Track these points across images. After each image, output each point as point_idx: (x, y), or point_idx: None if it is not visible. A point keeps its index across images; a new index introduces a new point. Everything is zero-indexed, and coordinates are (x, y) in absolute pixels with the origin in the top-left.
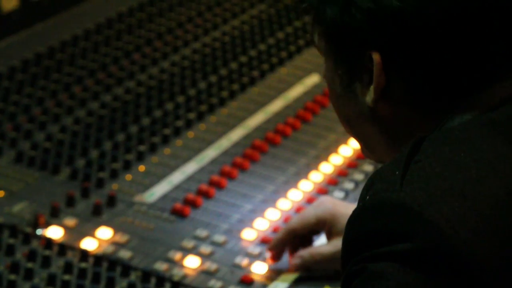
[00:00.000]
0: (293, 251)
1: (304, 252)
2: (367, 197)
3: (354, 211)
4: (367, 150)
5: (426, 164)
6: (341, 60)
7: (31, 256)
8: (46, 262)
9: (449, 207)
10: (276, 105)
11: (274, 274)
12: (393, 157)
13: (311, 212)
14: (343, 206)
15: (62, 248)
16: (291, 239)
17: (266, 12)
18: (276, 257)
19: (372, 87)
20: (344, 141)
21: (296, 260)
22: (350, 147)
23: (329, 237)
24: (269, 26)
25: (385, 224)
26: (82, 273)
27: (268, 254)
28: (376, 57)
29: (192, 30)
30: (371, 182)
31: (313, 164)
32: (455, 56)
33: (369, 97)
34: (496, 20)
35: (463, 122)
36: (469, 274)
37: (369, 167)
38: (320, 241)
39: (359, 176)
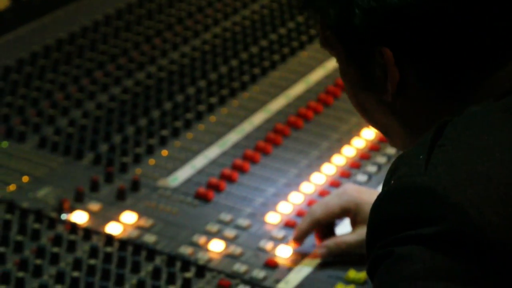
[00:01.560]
0: (319, 236)
1: (329, 242)
2: (392, 182)
3: (379, 196)
4: (390, 140)
5: (450, 147)
6: (353, 60)
7: (57, 240)
8: (71, 246)
9: (474, 190)
10: (298, 89)
11: (298, 258)
12: (417, 141)
13: (335, 202)
14: (367, 194)
15: (87, 232)
16: (314, 228)
17: None
18: (299, 245)
19: (388, 82)
20: (366, 124)
21: (322, 249)
22: (373, 130)
23: (354, 225)
24: (289, 10)
25: (411, 208)
26: (108, 257)
27: (291, 242)
28: (386, 52)
29: (212, 15)
30: (395, 167)
31: (335, 147)
32: (460, 44)
33: (386, 92)
34: (496, 4)
35: (482, 107)
36: (494, 255)
37: (391, 150)
38: (343, 226)
39: (382, 159)
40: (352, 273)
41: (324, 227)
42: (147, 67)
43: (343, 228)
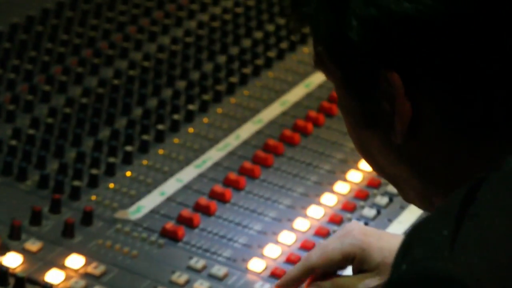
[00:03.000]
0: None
1: (326, 284)
2: (403, 266)
3: (386, 285)
4: (402, 193)
5: (486, 220)
6: (352, 87)
7: None
8: None
9: None
10: (295, 94)
11: None
12: (438, 206)
13: (336, 246)
14: (375, 236)
15: (20, 282)
16: (307, 277)
17: None
18: None
19: (396, 119)
20: None
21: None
22: None
23: (357, 272)
24: None
25: None
26: None
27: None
28: (393, 78)
29: None
30: (408, 245)
31: (338, 171)
32: (497, 65)
33: (394, 131)
34: None
35: None
36: None
37: None
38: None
39: (395, 189)
40: None
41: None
42: (115, 61)
43: None
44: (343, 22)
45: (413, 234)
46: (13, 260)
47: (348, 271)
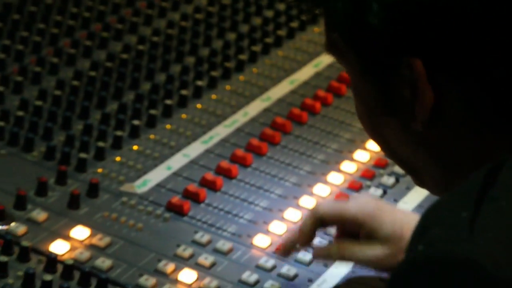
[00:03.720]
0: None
1: (333, 246)
2: (420, 247)
3: (402, 265)
4: (418, 181)
5: (505, 202)
6: (370, 74)
7: None
8: (2, 270)
9: None
10: (305, 73)
11: None
12: (456, 188)
13: (351, 207)
14: (388, 209)
15: (24, 252)
16: (317, 229)
17: None
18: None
19: (417, 106)
20: None
21: (320, 248)
22: None
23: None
24: None
25: None
26: None
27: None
28: (416, 65)
29: None
30: (425, 226)
31: (345, 151)
32: None
33: (415, 119)
34: None
35: None
36: None
37: None
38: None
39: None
40: None
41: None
42: (124, 36)
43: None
44: (363, 6)
45: (431, 214)
46: (18, 230)
47: None
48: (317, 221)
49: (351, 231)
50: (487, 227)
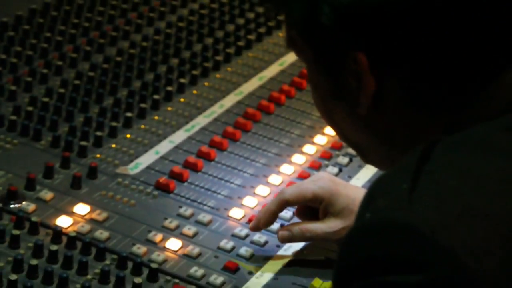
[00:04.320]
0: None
1: (293, 226)
2: (367, 215)
3: (352, 230)
4: (364, 158)
5: (439, 175)
6: (322, 65)
7: None
8: (15, 241)
9: (469, 230)
10: (271, 71)
11: (260, 261)
12: (397, 164)
13: (309, 187)
14: (342, 185)
15: (34, 226)
16: (282, 211)
17: None
18: (263, 226)
19: (362, 93)
20: None
21: (283, 232)
22: None
23: (323, 215)
24: None
25: (390, 249)
26: (53, 256)
27: (253, 222)
28: (361, 58)
29: None
30: (371, 196)
31: (307, 135)
32: (454, 47)
33: (359, 104)
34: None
35: (481, 125)
36: None
37: None
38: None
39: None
40: (317, 282)
41: (307, 209)
42: (118, 42)
43: None
44: (316, 9)
45: (376, 187)
46: (28, 207)
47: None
48: (283, 204)
49: (312, 207)
50: (423, 196)
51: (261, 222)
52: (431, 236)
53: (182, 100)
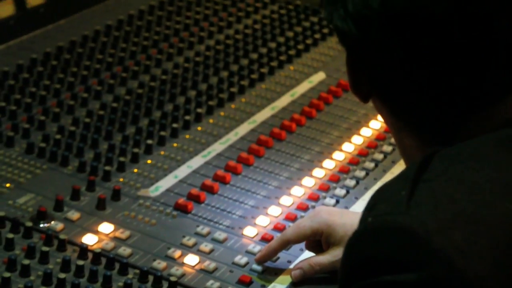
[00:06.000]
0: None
1: (303, 263)
2: (369, 219)
3: (355, 233)
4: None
5: (435, 184)
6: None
7: (29, 252)
8: (44, 258)
9: (461, 234)
10: (283, 101)
11: (272, 275)
12: (398, 174)
13: (307, 224)
14: (338, 215)
15: (62, 243)
16: (283, 248)
17: (277, 12)
18: (263, 261)
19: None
20: (348, 138)
21: (295, 271)
22: (352, 144)
23: (326, 246)
24: (279, 25)
25: (389, 251)
26: (79, 270)
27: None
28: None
29: (206, 28)
30: (374, 202)
31: (316, 160)
32: (453, 70)
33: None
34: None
35: (476, 138)
36: None
37: (370, 164)
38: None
39: (360, 173)
40: None
41: (315, 242)
42: (139, 76)
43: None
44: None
45: (378, 194)
46: (57, 227)
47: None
48: (284, 243)
49: (316, 240)
50: (420, 202)
51: (262, 258)
52: (426, 239)
53: (199, 128)
